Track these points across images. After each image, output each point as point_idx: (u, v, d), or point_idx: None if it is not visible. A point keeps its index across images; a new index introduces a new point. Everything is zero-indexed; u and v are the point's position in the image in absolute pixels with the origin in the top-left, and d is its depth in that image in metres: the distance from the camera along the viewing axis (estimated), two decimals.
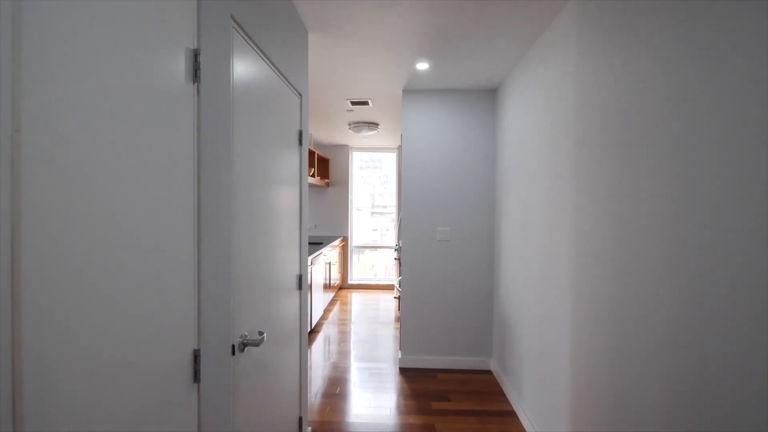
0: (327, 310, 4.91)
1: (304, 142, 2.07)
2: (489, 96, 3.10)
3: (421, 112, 3.11)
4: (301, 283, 2.07)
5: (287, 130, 1.81)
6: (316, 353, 3.53)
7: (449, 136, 3.09)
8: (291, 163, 1.88)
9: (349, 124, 4.63)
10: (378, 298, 5.67)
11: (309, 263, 3.86)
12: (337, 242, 5.68)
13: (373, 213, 6.90)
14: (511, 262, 2.62)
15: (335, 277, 5.52)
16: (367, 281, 6.34)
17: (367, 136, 5.33)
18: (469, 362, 3.13)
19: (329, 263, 4.87)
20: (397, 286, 3.40)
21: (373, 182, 6.86)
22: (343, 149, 6.19)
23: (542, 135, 2.09)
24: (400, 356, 3.19)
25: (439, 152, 3.09)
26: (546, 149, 2.03)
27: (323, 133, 5.22)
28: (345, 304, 5.26)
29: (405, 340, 3.17)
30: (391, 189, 6.80)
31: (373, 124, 4.57)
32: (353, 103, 3.66)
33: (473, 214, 3.07)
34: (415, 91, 3.13)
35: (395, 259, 4.60)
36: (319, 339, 3.90)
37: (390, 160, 6.71)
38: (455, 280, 3.09)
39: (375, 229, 6.84)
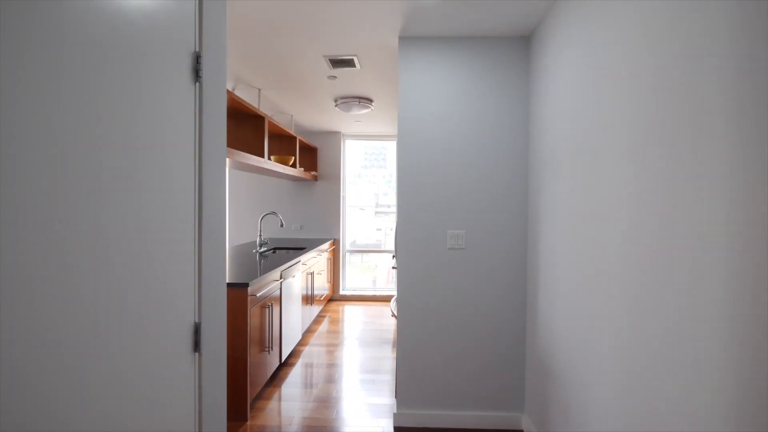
0: (310, 331, 4.01)
1: (208, 73, 1.15)
2: (520, 45, 2.18)
3: (425, 69, 2.20)
4: (199, 340, 1.12)
5: (156, 48, 0.90)
6: (288, 401, 2.63)
7: (464, 104, 2.18)
8: (169, 118, 0.97)
9: (335, 100, 3.73)
10: (377, 312, 4.76)
11: (279, 277, 2.98)
12: (325, 246, 4.79)
13: (377, 212, 6.54)
14: (559, 281, 1.71)
15: (322, 287, 4.62)
16: (363, 291, 5.44)
17: (359, 118, 4.42)
18: (492, 420, 2.22)
19: (311, 273, 3.97)
20: (392, 306, 2.49)
21: (377, 181, 6.53)
22: (334, 137, 5.29)
23: (627, 101, 1.18)
24: (395, 410, 2.29)
25: (450, 127, 2.18)
26: (634, 122, 1.13)
27: (306, 114, 4.33)
28: (335, 322, 4.36)
29: (402, 389, 2.27)
30: (395, 186, 5.96)
31: (364, 100, 3.66)
32: (333, 63, 2.75)
33: (497, 212, 2.16)
34: (416, 39, 2.22)
35: (393, 267, 3.71)
36: (294, 374, 3.01)
37: (394, 153, 5.80)
38: (472, 304, 2.18)
39: (379, 229, 6.45)
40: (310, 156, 5.22)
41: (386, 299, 5.20)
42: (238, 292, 2.38)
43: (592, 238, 1.41)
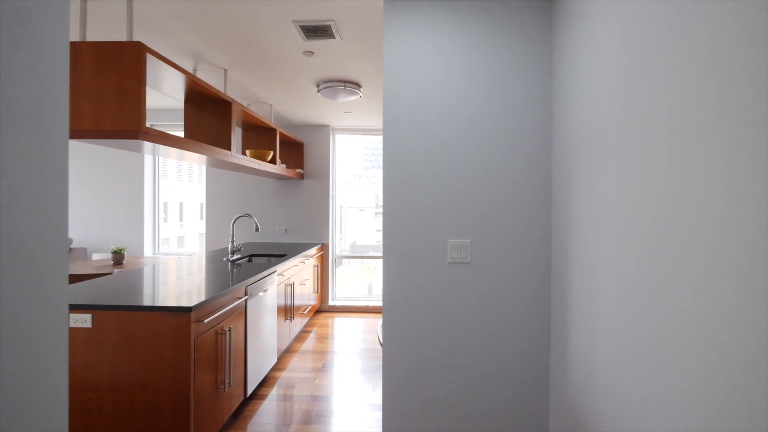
0: (290, 351, 3.50)
1: None
2: (539, 4, 1.66)
3: (417, 35, 1.68)
4: None
5: None
6: None
7: (468, 80, 1.66)
8: None
9: (317, 85, 3.22)
10: (372, 326, 4.24)
11: (244, 293, 2.46)
12: (312, 251, 4.28)
13: (377, 213, 6.29)
14: (603, 308, 1.19)
15: (308, 297, 4.11)
16: (355, 301, 4.92)
17: (348, 108, 3.91)
18: None
19: (291, 284, 3.46)
20: (378, 331, 1.96)
21: (378, 182, 6.27)
22: (322, 131, 4.78)
23: (705, 65, 0.67)
24: None
25: (449, 109, 1.65)
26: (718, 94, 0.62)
27: (288, 104, 3.82)
28: (322, 338, 3.84)
29: None
30: None
31: (351, 84, 3.15)
32: (307, 33, 2.24)
33: (512, 215, 1.63)
34: None
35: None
36: (264, 411, 2.50)
37: None
38: (478, 333, 1.66)
39: (380, 230, 6.02)
40: (295, 152, 4.72)
41: (380, 310, 4.69)
42: (177, 318, 1.87)
43: (669, 251, 0.89)
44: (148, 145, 2.17)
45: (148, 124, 1.98)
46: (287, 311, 3.36)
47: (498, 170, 1.62)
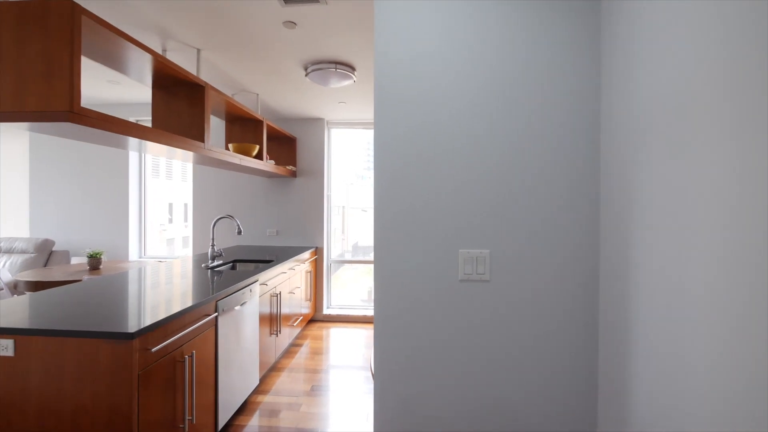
0: (276, 369, 3.11)
1: None
2: None
3: None
4: None
5: None
6: None
7: (488, 34, 1.25)
8: None
9: (305, 68, 2.83)
10: (372, 338, 3.85)
11: (214, 310, 2.08)
12: (306, 255, 3.90)
13: None
14: (698, 356, 0.79)
15: (299, 306, 3.73)
16: (353, 310, 4.53)
17: (342, 97, 3.52)
18: None
19: (277, 295, 3.07)
20: (371, 363, 1.54)
21: None
22: (316, 125, 4.39)
23: None
24: None
25: (462, 82, 1.24)
26: None
27: (276, 93, 3.44)
28: (314, 353, 3.45)
29: None
30: None
31: (343, 66, 2.76)
32: None
33: (547, 219, 1.20)
34: None
35: None
36: None
37: None
38: (500, 379, 1.25)
39: None
40: (287, 148, 4.34)
41: None
42: (116, 347, 1.49)
43: None
44: (100, 135, 1.79)
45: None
46: (273, 324, 2.98)
47: (526, 160, 1.21)
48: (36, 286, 3.18)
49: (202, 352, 1.97)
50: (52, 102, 1.52)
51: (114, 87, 3.84)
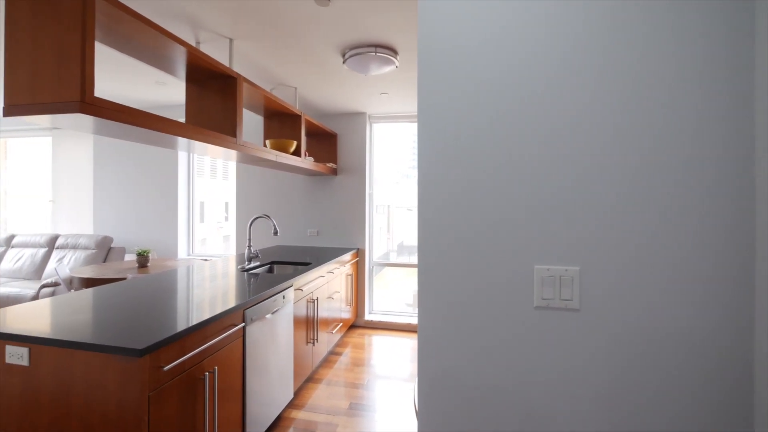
0: (313, 381, 2.91)
1: None
2: None
3: None
4: None
5: None
6: None
7: (562, 28, 0.90)
8: None
9: (343, 55, 2.59)
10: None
11: (242, 319, 1.89)
12: (347, 257, 3.69)
13: None
14: None
15: (339, 310, 3.52)
16: (398, 316, 4.25)
17: (384, 87, 3.25)
18: None
19: (314, 300, 2.87)
20: (414, 398, 1.26)
21: None
22: (357, 120, 4.17)
23: None
24: None
25: (542, 44, 0.90)
26: None
27: (316, 88, 3.24)
28: (355, 364, 3.22)
29: None
30: None
31: (383, 49, 2.49)
32: None
33: (668, 229, 0.82)
34: None
35: None
36: None
37: None
38: None
39: None
40: (327, 144, 4.16)
41: None
42: (124, 364, 1.32)
43: None
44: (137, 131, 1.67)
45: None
46: (309, 332, 2.78)
47: (638, 146, 0.85)
48: (87, 282, 3.24)
49: (228, 365, 1.79)
50: (64, 93, 1.40)
51: (161, 88, 3.86)
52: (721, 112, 0.80)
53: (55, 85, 1.40)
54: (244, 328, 1.92)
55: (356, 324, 4.14)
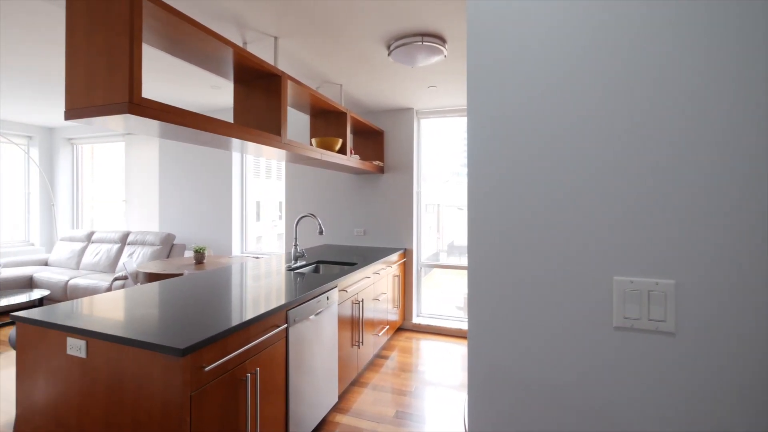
0: (358, 384, 2.84)
1: None
2: None
3: None
4: None
5: None
6: None
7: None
8: None
9: (388, 46, 2.49)
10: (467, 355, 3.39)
11: (285, 320, 1.86)
12: (394, 257, 3.59)
13: None
14: None
15: (386, 311, 3.43)
16: (447, 321, 4.09)
17: (432, 80, 3.11)
18: None
19: (359, 302, 2.80)
20: (465, 414, 1.14)
21: None
22: (404, 116, 4.05)
23: None
24: None
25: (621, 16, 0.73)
26: None
27: (362, 83, 3.18)
28: (402, 369, 3.12)
29: None
30: None
31: (431, 38, 2.35)
32: None
33: None
34: None
35: None
36: None
37: None
38: None
39: None
40: (374, 142, 4.09)
41: None
42: (166, 362, 1.32)
43: None
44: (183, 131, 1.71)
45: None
46: (354, 334, 2.72)
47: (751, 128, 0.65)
48: (149, 277, 3.45)
49: (270, 367, 1.76)
50: (115, 94, 1.43)
51: (216, 92, 4.02)
52: None
53: (107, 87, 1.44)
54: (287, 329, 1.88)
55: (403, 327, 4.03)
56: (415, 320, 4.00)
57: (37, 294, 4.29)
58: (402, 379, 2.87)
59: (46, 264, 5.22)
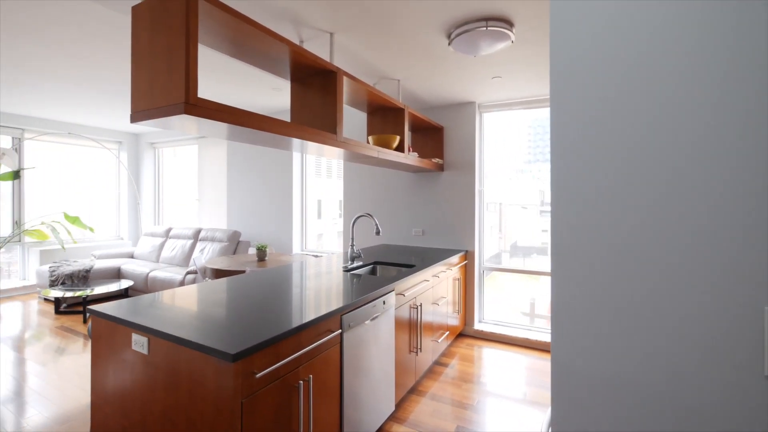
0: (415, 392, 2.70)
1: None
2: None
3: None
4: None
5: None
6: None
7: None
8: None
9: (449, 35, 2.32)
10: (538, 369, 3.12)
11: (339, 325, 1.78)
12: (454, 259, 3.41)
13: (542, 212, 5.24)
14: None
15: (446, 315, 3.25)
16: (512, 328, 3.81)
17: (497, 70, 2.87)
18: None
19: (417, 306, 2.66)
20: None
21: (544, 177, 5.14)
22: (465, 111, 3.82)
23: None
24: None
25: None
26: None
27: (420, 78, 3.03)
28: (463, 378, 2.93)
29: None
30: None
31: (496, 22, 2.14)
32: None
33: None
34: None
35: None
36: None
37: None
38: None
39: (545, 230, 5.02)
40: (433, 139, 3.91)
41: (548, 348, 3.45)
42: (218, 365, 1.29)
43: None
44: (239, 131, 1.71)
45: None
46: (412, 340, 2.59)
47: None
48: (215, 273, 3.61)
49: (324, 373, 1.69)
50: (172, 95, 1.44)
51: (277, 94, 4.12)
52: None
53: (166, 88, 1.45)
54: (341, 334, 1.81)
55: (464, 333, 3.82)
56: (477, 326, 3.77)
57: (124, 284, 4.73)
58: (463, 390, 2.68)
59: (131, 257, 5.76)
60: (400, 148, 3.05)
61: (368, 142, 2.98)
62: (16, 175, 5.23)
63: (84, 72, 3.45)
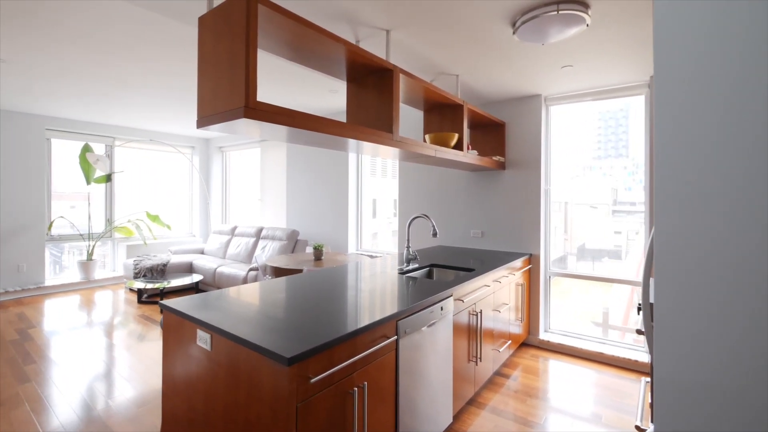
0: (474, 404, 2.56)
1: None
2: None
3: None
4: None
5: None
6: None
7: None
8: None
9: (513, 24, 2.15)
10: (613, 388, 2.83)
11: (395, 331, 1.72)
12: (517, 263, 3.21)
13: (615, 212, 4.95)
14: None
15: (509, 323, 3.06)
16: (581, 339, 3.50)
17: (568, 58, 2.62)
18: None
19: (477, 313, 2.51)
20: None
21: (616, 173, 4.76)
22: (529, 104, 3.57)
23: None
24: None
25: None
26: None
27: (480, 71, 2.87)
28: (527, 392, 2.73)
29: None
30: (642, 180, 3.82)
31: (569, 4, 1.93)
32: None
33: None
34: None
35: (638, 308, 2.08)
36: None
37: (639, 130, 3.56)
38: None
39: (618, 232, 4.87)
40: (493, 136, 3.71)
41: (625, 365, 3.11)
42: (275, 368, 1.28)
43: None
44: (286, 132, 1.72)
45: None
46: (471, 349, 2.45)
47: None
48: (274, 270, 3.73)
49: (378, 380, 1.64)
50: (233, 99, 1.46)
51: (334, 96, 4.17)
52: None
53: (228, 93, 1.48)
54: (397, 341, 1.74)
55: (528, 342, 3.58)
56: (543, 336, 3.51)
57: (195, 278, 5.08)
58: (527, 406, 2.49)
59: (202, 252, 6.19)
60: (458, 146, 2.92)
61: (425, 141, 2.88)
62: (108, 178, 5.86)
63: (162, 81, 3.73)
